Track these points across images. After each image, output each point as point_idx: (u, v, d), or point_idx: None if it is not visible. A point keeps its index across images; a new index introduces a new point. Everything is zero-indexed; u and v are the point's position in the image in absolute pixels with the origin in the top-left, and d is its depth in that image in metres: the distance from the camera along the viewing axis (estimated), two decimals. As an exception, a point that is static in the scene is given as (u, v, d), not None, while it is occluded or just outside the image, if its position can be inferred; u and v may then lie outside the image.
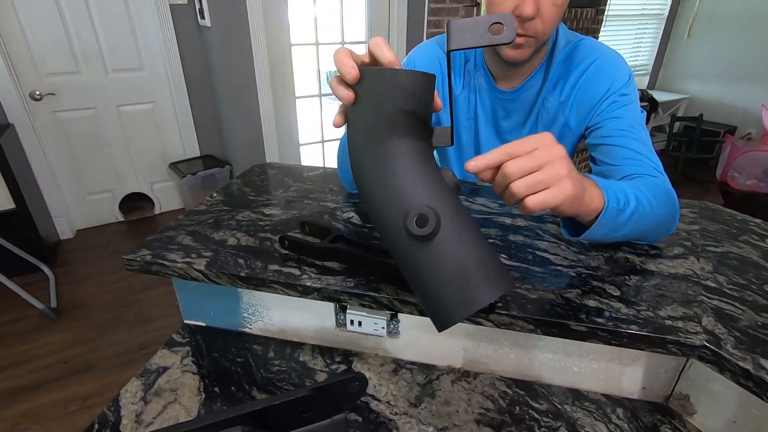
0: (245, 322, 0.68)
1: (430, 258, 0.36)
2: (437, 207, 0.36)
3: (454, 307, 0.35)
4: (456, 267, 0.35)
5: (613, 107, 0.70)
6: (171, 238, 0.66)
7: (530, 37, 0.66)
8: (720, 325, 0.49)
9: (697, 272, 0.59)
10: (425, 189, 0.37)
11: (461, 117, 0.83)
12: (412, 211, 0.35)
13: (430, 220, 0.35)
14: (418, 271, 0.37)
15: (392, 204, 0.37)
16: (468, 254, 0.35)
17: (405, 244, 0.37)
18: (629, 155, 0.66)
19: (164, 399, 0.56)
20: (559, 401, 0.56)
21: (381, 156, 0.38)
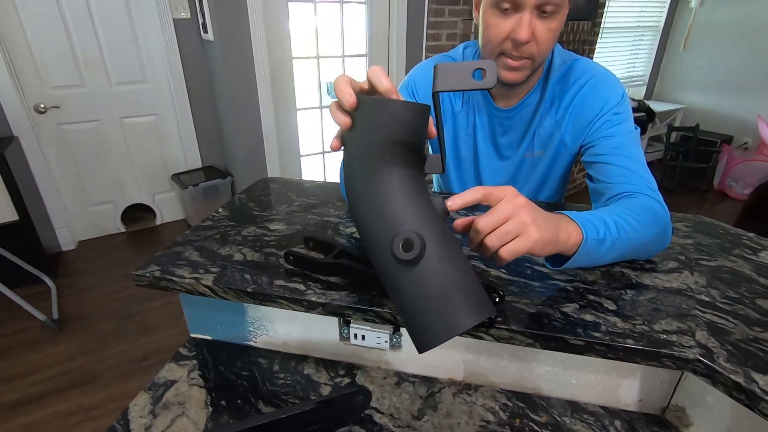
0: (250, 336, 0.69)
1: (414, 281, 0.37)
2: (423, 233, 0.38)
3: (435, 331, 0.36)
4: (438, 292, 0.37)
5: (607, 125, 0.72)
6: (179, 253, 0.67)
7: (526, 59, 0.68)
8: (713, 339, 0.50)
9: (691, 286, 0.60)
10: (412, 215, 0.39)
11: (461, 132, 0.85)
12: (399, 235, 0.37)
13: (415, 245, 0.37)
14: (402, 294, 0.38)
15: (381, 227, 0.39)
16: (450, 280, 0.37)
17: (391, 266, 0.38)
18: (622, 173, 0.68)
19: (172, 412, 0.58)
20: (558, 413, 0.58)
21: (373, 181, 0.40)
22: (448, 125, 0.85)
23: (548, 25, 0.65)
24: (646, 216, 0.59)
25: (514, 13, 0.64)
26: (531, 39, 0.64)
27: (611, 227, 0.54)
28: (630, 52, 4.08)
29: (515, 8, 0.64)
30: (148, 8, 2.41)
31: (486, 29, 0.68)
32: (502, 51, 0.68)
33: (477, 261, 0.66)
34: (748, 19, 3.60)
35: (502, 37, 0.66)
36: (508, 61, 0.69)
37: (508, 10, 0.64)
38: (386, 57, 2.75)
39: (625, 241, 0.55)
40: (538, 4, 0.62)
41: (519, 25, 0.63)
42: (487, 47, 0.70)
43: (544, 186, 0.87)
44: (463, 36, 2.69)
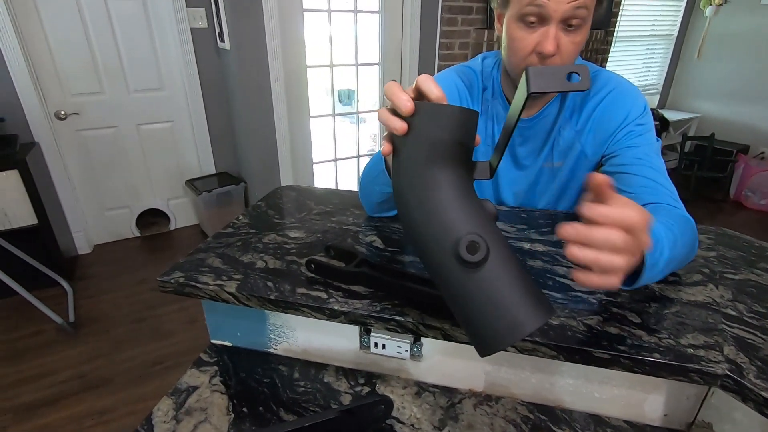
0: (271, 343, 0.70)
1: (480, 284, 0.37)
2: (485, 235, 0.38)
3: (501, 333, 0.36)
4: (504, 293, 0.36)
5: (630, 136, 0.72)
6: (202, 260, 0.68)
7: None
8: (742, 355, 0.50)
9: (717, 300, 0.60)
10: (473, 218, 0.39)
11: (480, 144, 0.86)
12: (464, 238, 0.37)
13: (480, 248, 0.37)
14: (466, 298, 0.38)
15: (442, 232, 0.39)
16: (514, 281, 0.37)
17: (455, 270, 0.38)
18: (646, 184, 0.68)
19: (195, 418, 0.58)
20: (581, 427, 0.57)
21: (431, 185, 0.41)
22: (467, 135, 0.86)
23: (573, 39, 0.65)
24: (687, 228, 0.59)
25: (539, 26, 0.65)
26: (557, 52, 0.64)
27: (665, 246, 0.52)
28: (643, 60, 4.05)
29: (541, 21, 0.64)
30: (167, 18, 2.46)
31: (511, 42, 0.68)
32: (527, 64, 0.68)
33: (497, 271, 0.66)
34: (762, 30, 3.57)
35: (529, 51, 0.66)
36: None
37: (534, 23, 0.65)
38: (399, 66, 2.77)
39: (677, 257, 0.55)
40: (564, 18, 0.63)
41: (545, 38, 0.64)
42: (513, 60, 0.70)
43: (563, 197, 0.87)
44: (475, 45, 2.70)
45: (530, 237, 0.77)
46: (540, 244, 0.74)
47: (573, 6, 0.62)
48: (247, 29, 2.25)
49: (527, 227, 0.80)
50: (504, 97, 0.81)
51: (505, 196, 0.90)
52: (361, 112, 2.85)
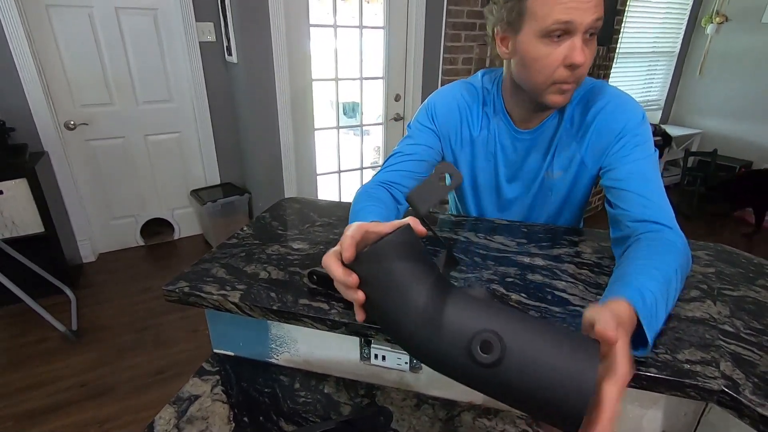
0: (272, 353, 0.70)
1: (515, 377, 0.35)
2: (492, 325, 0.37)
3: (569, 407, 0.34)
4: (542, 371, 0.35)
5: (627, 148, 0.73)
6: (206, 270, 0.70)
7: (575, 83, 0.70)
8: (738, 371, 0.50)
9: (714, 316, 0.60)
10: (471, 316, 0.38)
11: (479, 158, 0.87)
12: (473, 344, 0.36)
13: (493, 344, 0.35)
14: (509, 393, 0.36)
15: (450, 345, 0.38)
16: (546, 353, 0.35)
17: (484, 375, 0.37)
18: (640, 201, 0.69)
19: (196, 427, 0.59)
20: (579, 442, 0.57)
21: (419, 310, 0.40)
22: (466, 150, 0.87)
23: (591, 48, 0.67)
24: (682, 263, 0.59)
25: (565, 39, 0.66)
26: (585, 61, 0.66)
27: (659, 299, 0.52)
28: (645, 76, 4.09)
29: (567, 34, 0.65)
30: (177, 32, 2.52)
31: (535, 61, 0.69)
32: (554, 79, 0.69)
33: (496, 285, 0.67)
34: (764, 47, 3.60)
35: (557, 65, 0.67)
36: (562, 86, 0.70)
37: (561, 36, 0.66)
38: (403, 80, 2.81)
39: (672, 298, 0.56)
40: (587, 29, 0.64)
41: (573, 50, 0.65)
42: (538, 78, 0.70)
43: (564, 209, 0.88)
44: (478, 60, 2.74)
45: (530, 251, 0.78)
46: (540, 258, 0.75)
47: (594, 18, 0.64)
48: (254, 43, 2.30)
49: (527, 241, 0.81)
50: (506, 114, 0.82)
51: (507, 209, 0.91)
52: (365, 125, 2.88)
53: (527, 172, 0.86)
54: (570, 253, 0.77)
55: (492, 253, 0.77)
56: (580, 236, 0.84)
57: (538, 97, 0.73)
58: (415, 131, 0.87)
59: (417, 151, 0.85)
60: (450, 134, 0.86)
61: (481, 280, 0.68)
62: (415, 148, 0.85)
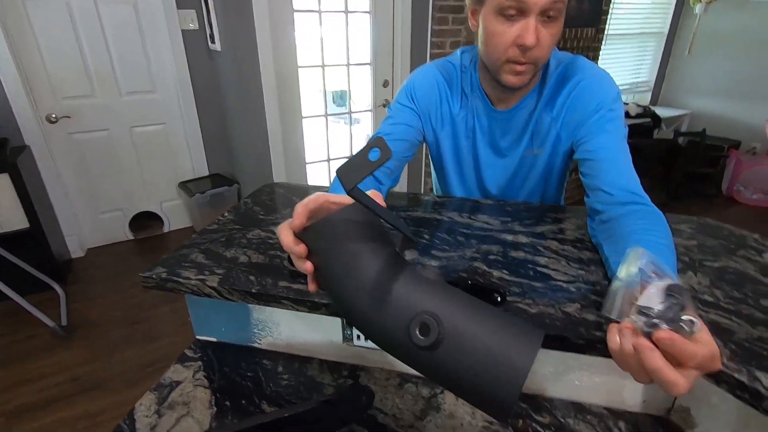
0: (255, 338, 0.70)
1: (451, 361, 0.35)
2: (433, 308, 0.36)
3: (501, 396, 0.33)
4: (479, 358, 0.34)
5: (601, 122, 0.73)
6: (185, 255, 0.68)
7: (530, 64, 0.69)
8: (716, 338, 0.50)
9: (695, 287, 0.60)
10: (415, 297, 0.37)
11: (460, 136, 0.86)
12: (412, 325, 0.36)
13: (431, 327, 0.35)
14: (445, 377, 0.36)
15: (392, 324, 0.37)
16: (485, 340, 0.35)
17: (421, 357, 0.36)
18: (615, 171, 0.69)
19: (177, 412, 0.58)
20: (561, 414, 0.58)
21: (365, 286, 0.39)
22: (447, 128, 0.86)
23: (550, 30, 0.66)
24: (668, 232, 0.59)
25: (519, 19, 0.65)
26: (537, 43, 0.65)
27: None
28: (635, 58, 4.08)
29: (521, 14, 0.65)
30: (158, 20, 2.46)
31: (491, 37, 0.69)
32: (507, 57, 0.69)
33: (479, 262, 0.66)
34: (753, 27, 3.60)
35: (509, 44, 0.67)
36: (515, 66, 0.69)
37: (513, 16, 0.65)
38: (390, 64, 2.77)
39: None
40: (543, 10, 0.63)
41: (525, 31, 0.64)
42: (493, 54, 0.70)
43: (545, 185, 0.88)
44: (467, 44, 2.71)
45: (514, 229, 0.77)
46: (523, 235, 0.75)
47: (551, 0, 0.63)
48: (237, 30, 2.25)
49: (511, 219, 0.81)
50: (483, 92, 0.81)
51: (489, 186, 0.91)
52: (354, 113, 2.85)
53: (507, 150, 0.85)
54: (553, 230, 0.77)
55: (476, 232, 0.76)
56: (563, 213, 0.84)
57: (495, 75, 0.73)
58: (395, 111, 0.86)
59: (397, 130, 0.84)
60: (430, 113, 0.85)
61: (464, 258, 0.68)
62: (396, 128, 0.84)
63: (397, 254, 0.43)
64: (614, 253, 0.59)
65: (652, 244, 0.55)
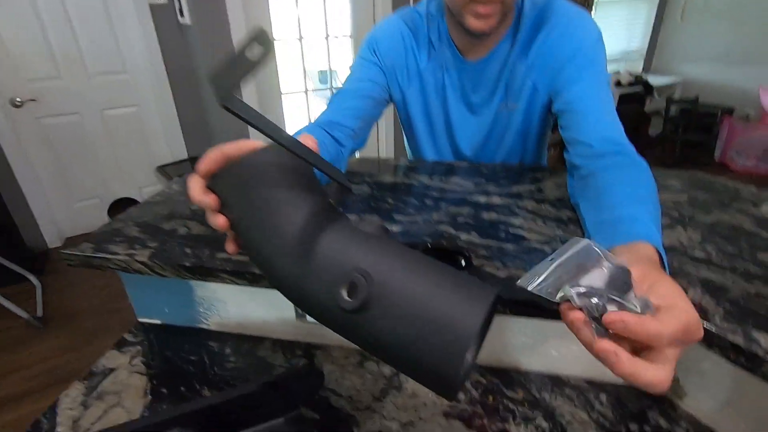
0: (201, 318, 0.63)
1: (385, 326, 0.29)
2: (366, 265, 0.30)
3: (442, 363, 0.27)
4: (417, 323, 0.28)
5: (578, 69, 0.65)
6: (118, 230, 0.61)
7: (495, 4, 0.61)
8: (708, 297, 0.44)
9: (684, 243, 0.54)
10: (344, 253, 0.31)
11: (429, 92, 0.78)
12: (338, 285, 0.30)
13: (359, 286, 0.29)
14: (379, 347, 0.30)
15: (317, 285, 0.31)
16: (425, 301, 0.29)
17: (353, 322, 0.30)
18: (595, 120, 0.62)
19: (106, 403, 0.52)
20: (537, 388, 0.52)
21: (287, 242, 0.32)
22: (415, 84, 0.78)
23: None
24: (651, 183, 0.52)
25: None
26: None
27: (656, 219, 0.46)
28: (626, 25, 3.96)
29: None
30: (123, -6, 2.32)
31: None
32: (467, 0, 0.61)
33: (446, 225, 0.59)
34: (747, -13, 3.48)
35: None
36: (477, 8, 0.62)
37: None
38: (372, 37, 2.66)
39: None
40: None
41: None
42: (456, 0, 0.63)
43: (523, 144, 0.80)
44: (450, 11, 2.60)
45: (487, 190, 0.70)
46: (497, 196, 0.68)
47: None
48: (207, 1, 2.13)
49: (486, 181, 0.74)
50: (451, 42, 0.73)
51: (462, 148, 0.83)
52: (335, 88, 2.75)
53: (480, 106, 0.78)
54: (531, 190, 0.70)
55: (446, 194, 0.69)
56: (543, 173, 0.77)
57: (460, 18, 0.65)
58: (357, 67, 0.78)
59: (360, 87, 0.76)
60: (395, 68, 0.77)
61: (430, 222, 0.61)
62: (359, 84, 0.76)
63: (330, 206, 0.36)
64: (590, 211, 0.52)
65: (631, 196, 0.48)
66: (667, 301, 0.30)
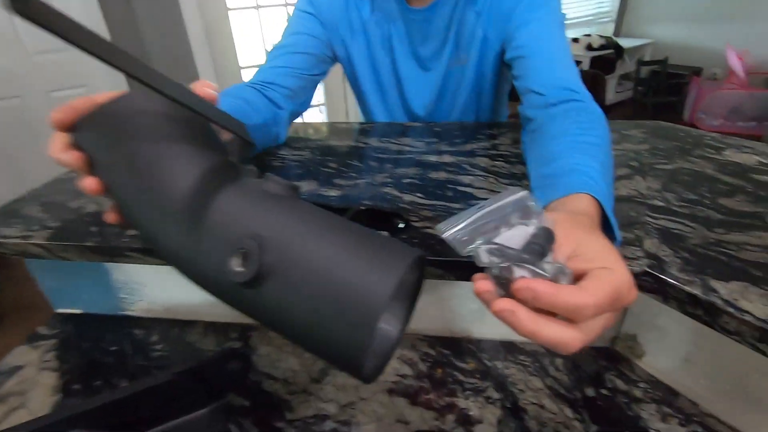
0: (124, 304, 0.57)
1: (282, 299, 0.24)
2: (264, 230, 0.25)
3: (348, 342, 0.23)
4: (323, 286, 0.23)
5: (530, 10, 0.59)
6: (15, 211, 0.54)
7: None
8: (665, 247, 0.40)
9: (643, 192, 0.50)
10: (238, 217, 0.26)
11: (375, 46, 0.71)
12: (228, 254, 0.25)
13: (251, 253, 0.24)
14: (280, 323, 0.25)
15: (207, 255, 0.26)
16: (329, 261, 0.24)
17: (246, 298, 0.25)
18: (547, 65, 0.57)
19: (8, 405, 0.46)
20: (489, 357, 0.48)
21: (172, 206, 0.27)
22: (359, 39, 0.71)
23: None
24: (604, 132, 0.47)
25: None
26: None
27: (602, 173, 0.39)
28: (596, -14, 3.89)
29: None
30: (56, -38, 2.12)
31: None
32: None
33: (390, 187, 0.54)
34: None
35: None
36: None
37: None
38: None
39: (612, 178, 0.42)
40: None
41: None
42: None
43: (478, 100, 0.75)
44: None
45: (439, 149, 0.65)
46: (448, 155, 0.63)
47: None
48: (149, -32, 1.97)
49: (438, 140, 0.68)
50: None
51: (415, 107, 0.77)
52: (290, 4, 2.49)
53: (430, 61, 0.71)
54: (485, 147, 0.65)
55: (393, 155, 0.64)
56: (501, 129, 0.72)
57: None
58: (294, 20, 0.70)
59: (297, 42, 0.68)
60: (337, 21, 0.69)
61: (373, 184, 0.55)
62: (295, 39, 0.68)
63: (228, 164, 0.30)
64: (534, 167, 0.47)
65: (575, 146, 0.43)
66: (594, 263, 0.25)
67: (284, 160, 0.65)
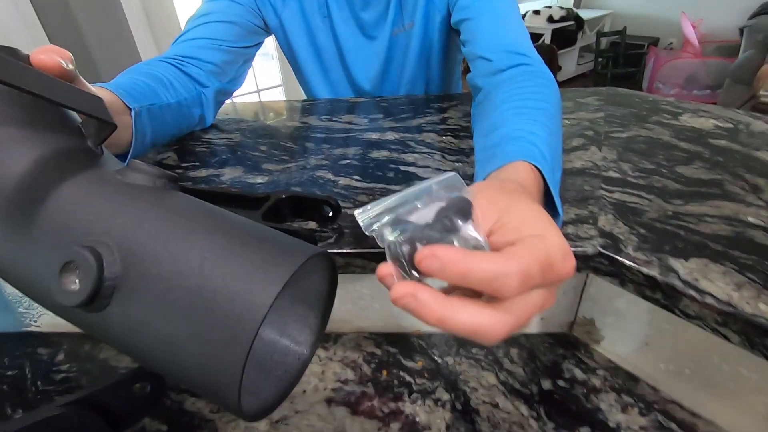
0: (26, 319, 0.49)
1: (130, 323, 0.19)
2: (108, 234, 0.19)
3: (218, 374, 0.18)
4: (181, 309, 0.18)
5: None
6: None
7: None
8: (620, 223, 0.36)
9: (598, 163, 0.46)
10: (79, 218, 0.20)
11: (313, 13, 0.64)
12: (58, 268, 0.19)
13: (84, 268, 0.18)
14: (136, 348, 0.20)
15: (38, 269, 0.20)
16: (194, 276, 0.19)
17: (91, 319, 0.20)
18: (496, 29, 0.52)
19: None
20: (440, 353, 0.43)
21: None
22: (293, 5, 0.64)
23: None
24: (553, 96, 0.42)
25: None
26: None
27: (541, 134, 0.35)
28: (555, -44, 3.85)
29: None
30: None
31: None
32: None
33: (324, 170, 0.48)
34: None
35: None
36: None
37: None
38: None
39: (556, 126, 0.38)
40: None
41: None
42: None
43: (428, 70, 0.69)
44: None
45: (382, 126, 0.59)
46: (393, 132, 0.57)
47: None
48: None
49: (384, 116, 0.63)
50: None
51: (360, 80, 0.71)
52: None
53: (373, 28, 0.65)
54: (434, 121, 0.60)
55: (332, 135, 0.57)
56: (452, 101, 0.67)
57: None
58: (215, -17, 0.62)
59: (221, 9, 0.60)
60: (263, -17, 0.62)
61: (305, 168, 0.49)
62: (217, 5, 0.60)
63: (77, 150, 0.24)
64: (478, 137, 0.42)
65: (521, 109, 0.38)
66: (521, 232, 0.20)
67: (210, 145, 0.57)
